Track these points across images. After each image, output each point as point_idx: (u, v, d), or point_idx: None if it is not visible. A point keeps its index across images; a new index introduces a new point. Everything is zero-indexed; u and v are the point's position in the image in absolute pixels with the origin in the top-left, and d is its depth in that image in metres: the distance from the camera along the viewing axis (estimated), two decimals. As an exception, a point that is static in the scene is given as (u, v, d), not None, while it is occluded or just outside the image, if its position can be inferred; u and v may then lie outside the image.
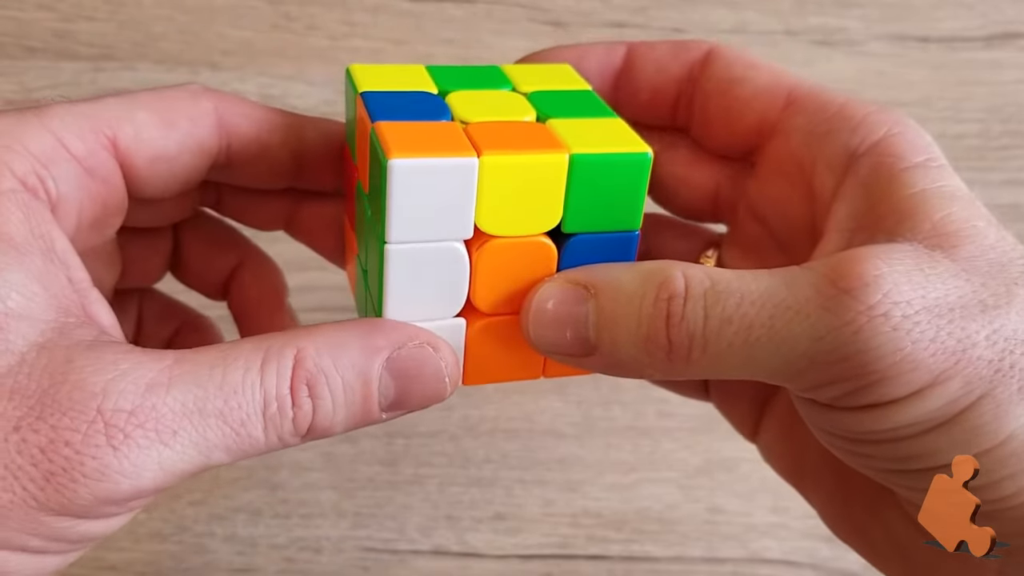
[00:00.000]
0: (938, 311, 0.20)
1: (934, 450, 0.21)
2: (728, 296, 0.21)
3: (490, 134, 0.22)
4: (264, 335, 0.21)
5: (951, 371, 0.20)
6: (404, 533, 0.48)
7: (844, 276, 0.20)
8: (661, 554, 0.49)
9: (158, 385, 0.19)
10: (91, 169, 0.23)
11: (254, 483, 0.48)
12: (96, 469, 0.19)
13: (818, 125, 0.25)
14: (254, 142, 0.26)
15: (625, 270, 0.22)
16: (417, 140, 0.21)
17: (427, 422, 0.48)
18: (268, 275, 0.30)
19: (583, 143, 0.22)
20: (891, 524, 0.25)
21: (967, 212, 0.22)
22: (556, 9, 0.45)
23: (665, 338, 0.21)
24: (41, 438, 0.18)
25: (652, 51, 0.27)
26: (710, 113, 0.27)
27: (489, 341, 0.24)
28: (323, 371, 0.21)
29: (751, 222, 0.28)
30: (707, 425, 0.49)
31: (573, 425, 0.49)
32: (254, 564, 0.47)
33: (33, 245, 0.21)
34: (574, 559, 0.49)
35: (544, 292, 0.23)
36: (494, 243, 0.23)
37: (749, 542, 0.49)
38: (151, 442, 0.19)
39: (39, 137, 0.22)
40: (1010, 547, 0.21)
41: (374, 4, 0.45)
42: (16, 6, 0.43)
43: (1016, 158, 0.48)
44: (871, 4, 0.46)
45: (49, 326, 0.20)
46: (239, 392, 0.20)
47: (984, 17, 0.47)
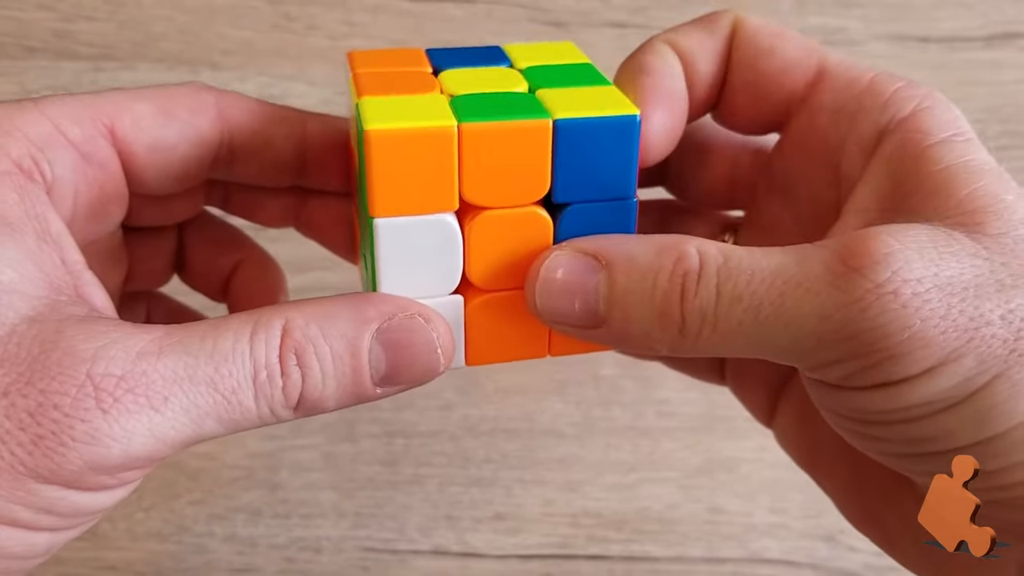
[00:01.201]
0: (950, 289, 0.19)
1: (947, 431, 0.20)
2: (739, 273, 0.20)
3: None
4: (255, 309, 0.21)
5: (963, 349, 0.19)
6: (404, 533, 0.48)
7: (855, 254, 0.20)
8: (661, 554, 0.49)
9: (148, 353, 0.19)
10: (88, 155, 0.23)
11: (254, 483, 0.48)
12: (86, 432, 0.18)
13: (847, 103, 0.24)
14: (256, 136, 0.26)
15: (638, 243, 0.22)
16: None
17: (427, 422, 0.48)
18: (267, 273, 0.30)
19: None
20: (907, 513, 0.24)
21: (995, 186, 0.21)
22: (556, 9, 0.45)
23: (679, 314, 0.21)
24: (30, 402, 0.18)
25: (687, 39, 0.26)
26: (735, 87, 0.26)
27: (489, 318, 0.23)
28: (311, 340, 0.21)
29: (771, 204, 0.27)
30: (707, 425, 0.49)
31: (573, 425, 0.49)
32: (254, 564, 0.47)
33: (27, 225, 0.21)
34: (574, 559, 0.49)
35: (553, 260, 0.22)
36: (485, 215, 0.22)
37: (749, 542, 0.49)
38: (141, 408, 0.19)
39: (36, 122, 0.22)
40: (1009, 545, 0.21)
41: (374, 4, 0.45)
42: (16, 6, 0.43)
43: (1016, 158, 0.48)
44: (871, 4, 0.46)
45: (41, 302, 0.20)
46: (229, 360, 0.20)
47: (984, 17, 0.47)
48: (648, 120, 0.24)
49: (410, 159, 0.21)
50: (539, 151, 0.22)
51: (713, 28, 0.25)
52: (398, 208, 0.21)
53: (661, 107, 0.24)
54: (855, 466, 0.26)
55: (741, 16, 0.26)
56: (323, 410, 0.21)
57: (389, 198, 0.21)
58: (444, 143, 0.21)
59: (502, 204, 0.22)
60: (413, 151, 0.21)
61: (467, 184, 0.22)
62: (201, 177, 0.26)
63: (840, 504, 0.27)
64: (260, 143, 0.26)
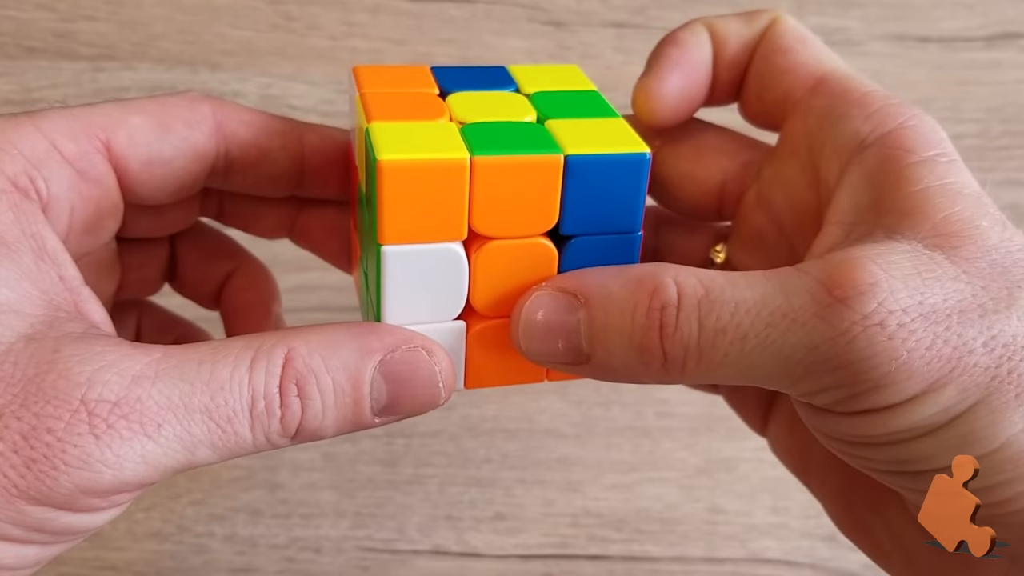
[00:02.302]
0: (935, 317, 0.19)
1: (929, 454, 0.20)
2: (722, 305, 0.20)
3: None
4: (257, 334, 0.21)
5: (946, 379, 0.19)
6: (404, 533, 0.48)
7: (839, 284, 0.20)
8: (661, 554, 0.49)
9: (144, 378, 0.19)
10: (83, 171, 0.23)
11: (254, 483, 0.48)
12: (78, 458, 0.18)
13: (834, 108, 0.24)
14: (253, 147, 0.26)
15: (615, 276, 0.22)
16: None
17: (427, 422, 0.48)
18: (260, 282, 0.30)
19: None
20: (895, 523, 0.24)
21: (971, 211, 0.21)
22: (556, 9, 0.45)
23: (659, 349, 0.21)
24: (23, 425, 0.18)
25: (725, 24, 0.27)
26: (751, 77, 0.27)
27: (490, 344, 0.24)
28: (313, 371, 0.21)
29: (757, 213, 0.27)
30: (707, 425, 0.49)
31: (573, 425, 0.49)
32: (254, 564, 0.47)
33: (23, 244, 0.21)
34: (574, 559, 0.49)
35: (533, 303, 0.23)
36: (492, 245, 0.22)
37: (749, 542, 0.49)
38: (134, 434, 0.19)
39: (31, 138, 0.22)
40: (1014, 553, 0.21)
41: (374, 4, 0.45)
42: (16, 6, 0.43)
43: (1016, 158, 0.48)
44: (871, 4, 0.46)
45: (39, 320, 0.20)
46: (226, 389, 0.20)
47: (984, 17, 0.47)
48: (665, 82, 0.25)
49: (422, 189, 0.21)
50: (549, 185, 0.22)
51: (751, 20, 0.27)
52: (407, 236, 0.22)
53: (680, 72, 0.26)
54: (844, 477, 0.26)
55: (781, 16, 0.27)
56: (321, 438, 0.21)
57: (399, 226, 0.21)
58: (456, 175, 0.21)
59: (510, 235, 0.22)
60: (425, 182, 0.21)
61: (476, 215, 0.22)
62: (196, 188, 0.26)
63: (830, 512, 0.27)
64: (257, 155, 0.26)
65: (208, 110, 0.25)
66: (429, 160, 0.21)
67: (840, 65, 0.26)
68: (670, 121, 0.26)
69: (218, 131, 0.25)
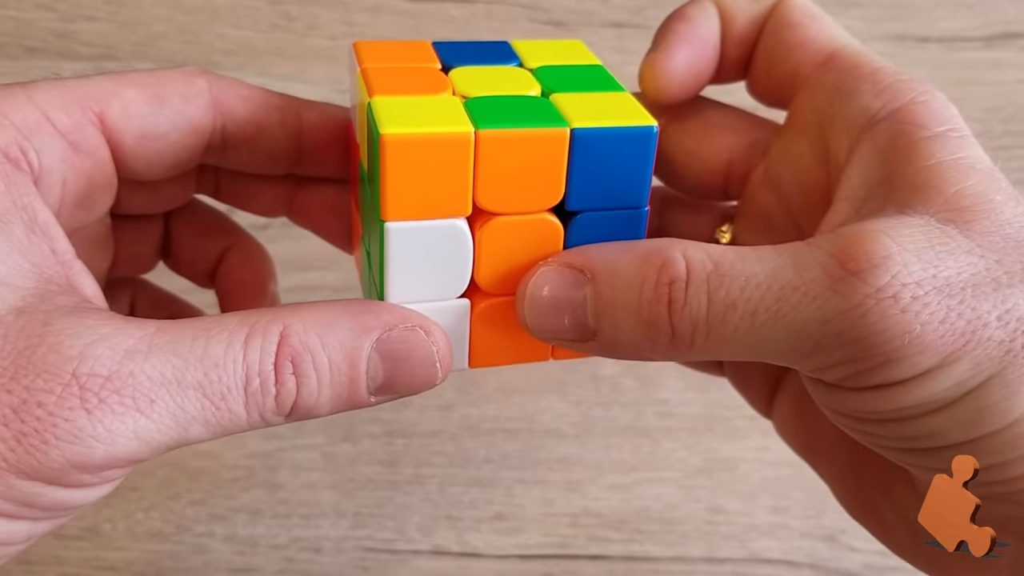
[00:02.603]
0: (949, 291, 0.19)
1: (941, 430, 0.20)
2: (732, 279, 0.20)
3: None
4: (252, 310, 0.21)
5: (959, 352, 0.19)
6: (404, 533, 0.48)
7: (852, 256, 0.19)
8: (661, 554, 0.49)
9: (136, 352, 0.19)
10: (76, 143, 0.23)
11: (254, 483, 0.48)
12: (69, 432, 0.18)
13: (845, 84, 0.24)
14: (250, 123, 0.25)
15: (623, 251, 0.22)
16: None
17: (427, 422, 0.48)
18: (255, 259, 0.30)
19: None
20: (904, 503, 0.24)
21: (984, 186, 0.21)
22: (556, 9, 0.45)
23: (668, 324, 0.21)
24: (14, 399, 0.18)
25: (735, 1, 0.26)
26: (759, 53, 0.26)
27: (495, 322, 0.23)
28: (309, 349, 0.20)
29: (764, 192, 0.27)
30: (707, 425, 0.49)
31: (573, 425, 0.49)
32: (254, 564, 0.47)
33: (14, 215, 0.20)
34: (574, 559, 0.49)
35: (540, 278, 0.22)
36: (497, 221, 0.22)
37: (749, 542, 0.49)
38: (127, 409, 0.19)
39: (23, 109, 0.22)
40: (1009, 545, 0.21)
41: (374, 4, 0.45)
42: (16, 6, 0.43)
43: (1016, 158, 0.48)
44: (871, 4, 0.46)
45: (30, 292, 0.20)
46: (220, 365, 0.20)
47: (984, 17, 0.47)
48: (672, 58, 0.25)
49: (425, 165, 0.21)
50: (555, 159, 0.21)
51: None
52: (410, 212, 0.21)
53: (688, 48, 0.25)
54: (852, 456, 0.26)
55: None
56: (315, 416, 0.21)
57: (402, 202, 0.21)
58: (461, 149, 0.21)
59: (515, 211, 0.22)
60: (429, 157, 0.21)
61: (481, 190, 0.21)
62: (192, 164, 0.26)
63: (838, 493, 0.27)
64: (254, 131, 0.25)
65: (205, 84, 0.25)
66: (433, 134, 0.20)
67: (850, 41, 0.25)
68: (677, 98, 0.26)
69: (215, 105, 0.25)
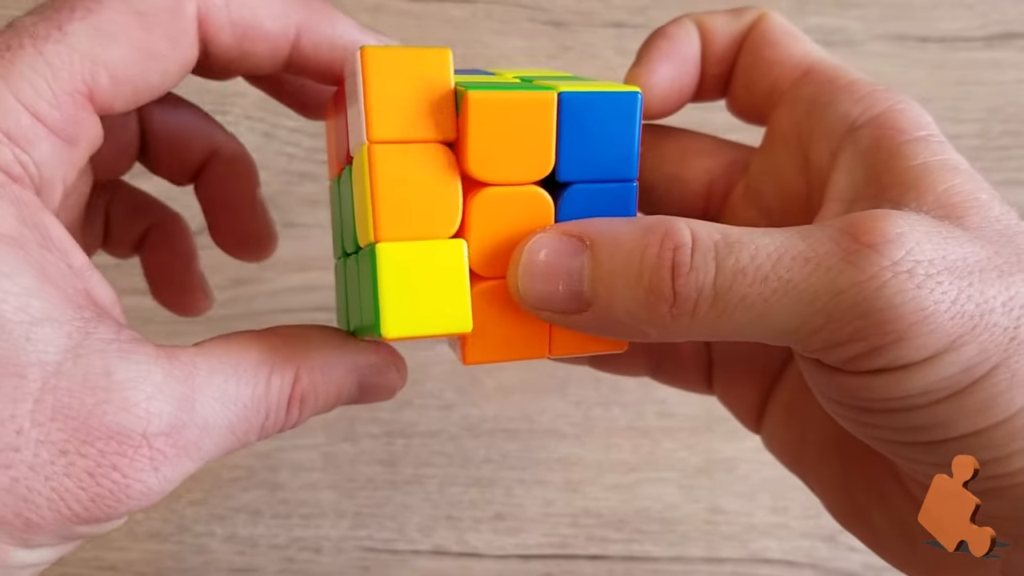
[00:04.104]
0: (959, 272, 0.19)
1: (945, 421, 0.20)
2: (741, 247, 0.20)
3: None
4: (267, 341, 0.22)
5: (968, 336, 0.19)
6: (404, 533, 0.48)
7: (866, 231, 0.19)
8: (661, 554, 0.49)
9: (185, 400, 0.20)
10: (71, 138, 0.22)
11: (254, 483, 0.48)
12: (140, 491, 0.20)
13: (822, 95, 0.24)
14: (235, 50, 0.23)
15: (625, 222, 0.21)
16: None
17: (427, 422, 0.48)
18: (242, 166, 0.29)
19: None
20: (894, 506, 0.24)
21: (970, 184, 0.21)
22: (556, 9, 0.45)
23: (670, 289, 0.20)
24: (89, 462, 0.19)
25: (713, 19, 0.27)
26: (738, 70, 0.27)
27: (489, 311, 0.23)
28: (314, 389, 0.23)
29: (746, 207, 0.27)
30: (707, 425, 0.49)
31: (573, 425, 0.49)
32: (254, 564, 0.47)
33: (30, 240, 0.20)
34: (574, 559, 0.49)
35: (536, 242, 0.22)
36: (487, 191, 0.22)
37: (749, 542, 0.49)
38: (179, 457, 0.20)
39: (13, 114, 0.20)
40: (1017, 532, 0.21)
41: (374, 4, 0.45)
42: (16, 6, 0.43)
43: (1016, 158, 0.48)
44: (871, 4, 0.46)
45: (73, 327, 0.19)
46: (248, 407, 0.21)
47: (984, 17, 0.47)
48: (654, 73, 0.26)
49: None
50: (544, 125, 0.22)
51: (739, 16, 0.27)
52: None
53: (669, 63, 0.26)
54: (841, 463, 0.26)
55: (768, 12, 0.27)
56: None
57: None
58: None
59: (506, 180, 0.22)
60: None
61: (472, 157, 0.21)
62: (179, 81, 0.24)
63: (827, 503, 0.27)
64: (238, 56, 0.24)
65: (193, 12, 0.22)
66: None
67: (826, 56, 0.26)
68: (659, 112, 0.26)
69: (201, 36, 0.23)
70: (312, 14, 0.23)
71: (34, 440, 0.18)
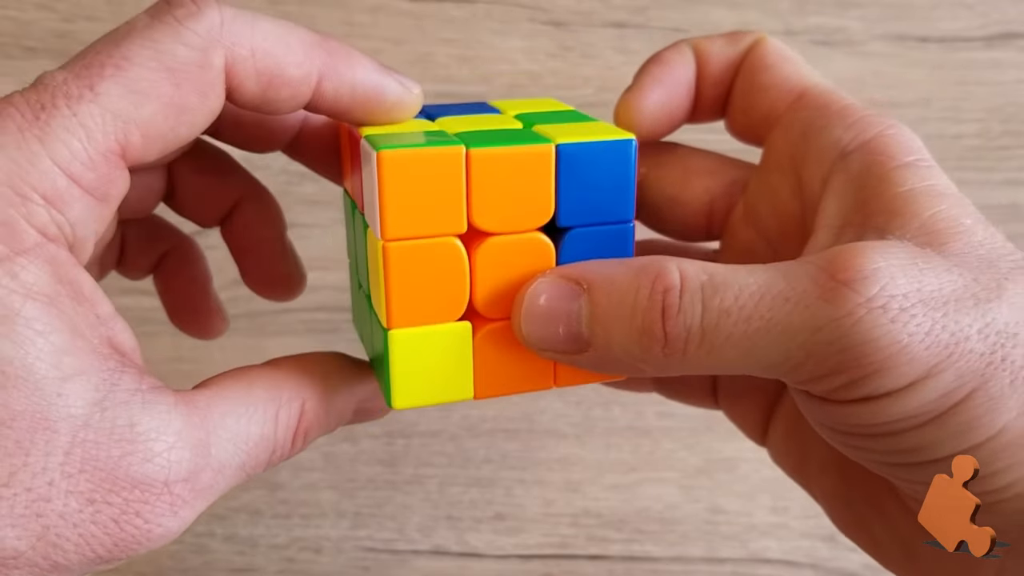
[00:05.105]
0: (933, 304, 0.20)
1: (929, 443, 0.21)
2: (726, 288, 0.21)
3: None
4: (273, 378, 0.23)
5: (944, 364, 0.20)
6: (404, 533, 0.48)
7: (842, 268, 0.20)
8: (661, 554, 0.49)
9: (201, 445, 0.21)
10: (104, 196, 0.22)
11: (254, 483, 0.48)
12: (161, 535, 0.21)
13: (816, 120, 0.25)
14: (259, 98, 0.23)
15: (618, 265, 0.22)
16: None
17: (427, 422, 0.48)
18: (268, 211, 0.30)
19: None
20: (893, 519, 0.25)
21: (956, 210, 0.22)
22: (556, 9, 0.45)
23: (661, 331, 0.21)
24: (115, 510, 0.20)
25: (710, 43, 0.28)
26: (735, 94, 0.28)
27: (496, 349, 0.24)
28: (318, 421, 0.24)
29: (744, 228, 0.28)
30: (707, 425, 0.49)
31: (573, 425, 0.49)
32: (254, 564, 0.47)
33: (64, 295, 0.20)
34: (574, 559, 0.49)
35: (536, 287, 0.23)
36: (492, 241, 0.23)
37: (749, 542, 0.49)
38: (197, 500, 0.21)
39: (49, 177, 0.21)
40: (1009, 545, 0.21)
41: (374, 4, 0.45)
42: (16, 6, 0.43)
43: (1016, 158, 0.48)
44: (871, 4, 0.46)
45: (100, 379, 0.20)
46: (258, 446, 0.23)
47: (984, 17, 0.47)
48: (646, 97, 0.27)
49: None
50: (543, 176, 0.23)
51: (736, 40, 0.28)
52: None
53: (662, 88, 0.27)
54: (842, 477, 0.26)
55: (765, 36, 0.27)
56: None
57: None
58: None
59: (508, 230, 0.23)
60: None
61: (476, 209, 0.22)
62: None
63: (830, 513, 0.27)
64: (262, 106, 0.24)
65: (221, 64, 0.22)
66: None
67: (820, 80, 0.27)
68: (650, 134, 0.27)
69: (227, 86, 0.23)
70: (332, 58, 0.24)
71: (64, 491, 0.19)
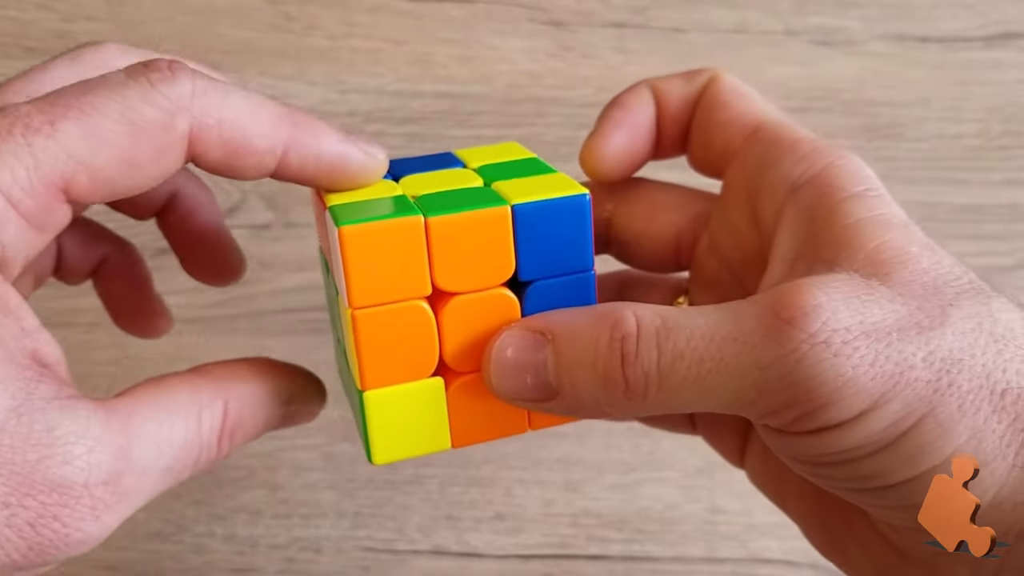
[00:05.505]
0: (876, 335, 0.20)
1: (884, 470, 0.21)
2: (678, 332, 0.21)
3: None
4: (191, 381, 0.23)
5: (890, 393, 0.20)
6: (404, 533, 0.48)
7: (785, 306, 0.21)
8: (661, 554, 0.49)
9: (122, 448, 0.21)
10: (40, 225, 0.22)
11: (254, 483, 0.48)
12: (80, 540, 0.21)
13: (768, 154, 0.26)
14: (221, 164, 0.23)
15: (580, 314, 0.23)
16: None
17: (427, 422, 0.48)
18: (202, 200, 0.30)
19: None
20: (866, 542, 0.25)
21: (901, 239, 0.22)
22: (556, 9, 0.45)
23: (621, 377, 0.22)
24: (31, 514, 0.20)
25: (667, 84, 0.29)
26: (693, 131, 0.29)
27: (469, 399, 0.25)
28: (243, 421, 0.24)
29: (710, 259, 0.29)
30: (707, 425, 0.49)
31: (573, 425, 0.49)
32: (254, 564, 0.47)
33: None
34: (574, 559, 0.49)
35: (503, 341, 0.24)
36: (457, 300, 0.23)
37: (749, 542, 0.49)
38: (120, 504, 0.21)
39: None
40: (974, 562, 0.22)
41: (374, 4, 0.45)
42: (16, 6, 0.43)
43: (1016, 158, 0.48)
44: (871, 4, 0.46)
45: (17, 387, 0.20)
46: (183, 447, 0.23)
47: (984, 17, 0.47)
48: (608, 141, 0.28)
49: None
50: (502, 235, 0.23)
51: (692, 79, 0.29)
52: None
53: (623, 131, 0.28)
54: (817, 500, 0.27)
55: (720, 73, 0.28)
56: None
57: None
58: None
59: (472, 288, 0.24)
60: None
61: (439, 272, 0.23)
62: None
63: (806, 533, 0.28)
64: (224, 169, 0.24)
65: (184, 130, 0.22)
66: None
67: (774, 114, 0.27)
68: (613, 176, 0.28)
69: (189, 151, 0.23)
70: (297, 129, 0.24)
71: None
